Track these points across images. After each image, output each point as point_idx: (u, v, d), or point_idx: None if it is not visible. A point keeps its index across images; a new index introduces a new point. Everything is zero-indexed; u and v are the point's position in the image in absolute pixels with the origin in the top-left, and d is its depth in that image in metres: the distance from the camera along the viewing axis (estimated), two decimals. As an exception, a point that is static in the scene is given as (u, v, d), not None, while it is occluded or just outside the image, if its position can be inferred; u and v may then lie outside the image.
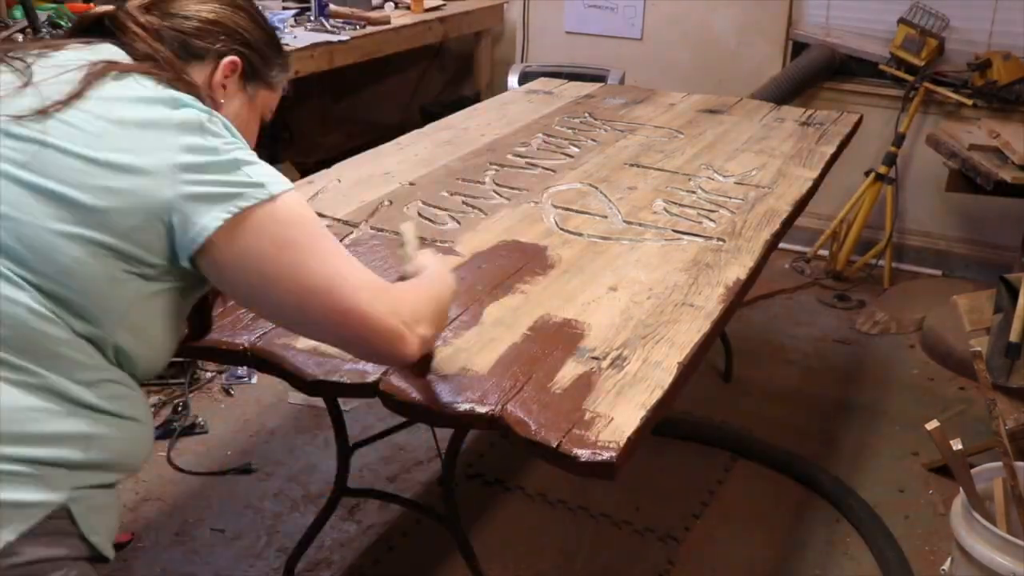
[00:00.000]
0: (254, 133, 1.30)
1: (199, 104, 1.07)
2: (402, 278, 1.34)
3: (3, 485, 0.94)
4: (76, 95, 1.02)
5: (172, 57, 1.14)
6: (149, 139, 1.02)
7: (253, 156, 1.07)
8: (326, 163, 2.36)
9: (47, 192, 0.98)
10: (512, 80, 4.14)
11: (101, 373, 1.04)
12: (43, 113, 1.00)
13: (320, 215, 1.98)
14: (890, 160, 3.80)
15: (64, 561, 0.99)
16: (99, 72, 1.05)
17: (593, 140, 2.61)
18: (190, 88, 1.11)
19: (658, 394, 1.37)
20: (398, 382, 1.37)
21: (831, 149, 2.59)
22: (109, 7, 1.17)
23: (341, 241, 1.85)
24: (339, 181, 2.19)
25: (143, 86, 1.06)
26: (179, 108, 1.05)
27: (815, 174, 2.37)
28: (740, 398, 3.02)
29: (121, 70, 1.07)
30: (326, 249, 1.08)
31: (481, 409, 1.33)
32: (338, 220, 1.96)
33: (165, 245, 1.03)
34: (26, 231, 0.98)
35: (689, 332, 1.55)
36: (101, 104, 1.03)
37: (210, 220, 1.01)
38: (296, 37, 3.45)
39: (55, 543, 0.98)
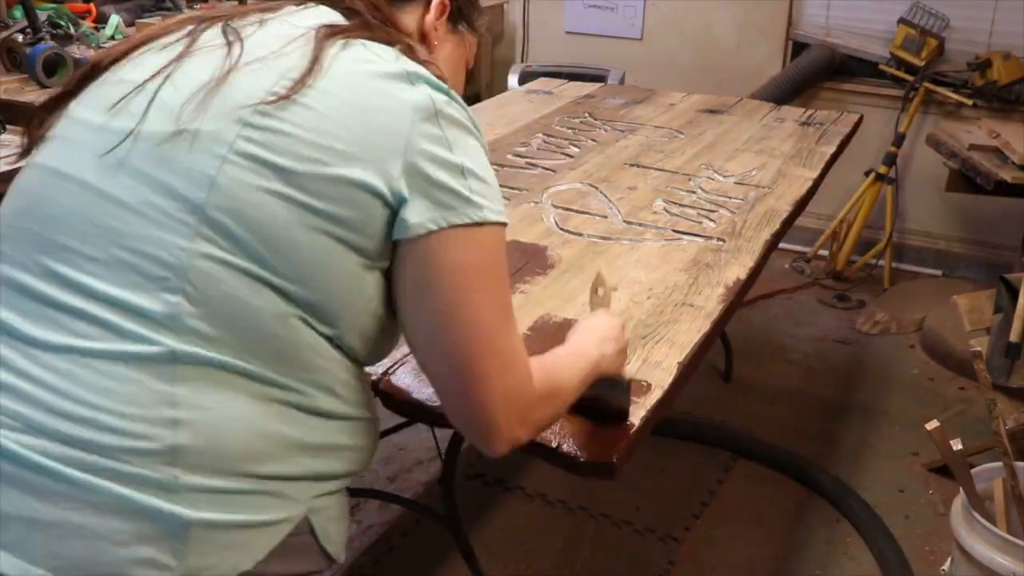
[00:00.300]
0: (462, 81, 1.24)
1: (433, 79, 0.99)
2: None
3: (243, 507, 0.89)
4: (310, 72, 0.94)
5: (383, 2, 1.09)
6: (383, 122, 0.94)
7: (480, 162, 0.99)
8: (326, 163, 2.36)
9: (286, 188, 0.91)
10: (512, 80, 4.14)
11: (339, 375, 0.98)
12: (285, 98, 0.92)
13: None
14: (890, 160, 3.80)
15: None
16: (325, 41, 0.97)
17: (593, 140, 2.61)
18: (411, 51, 1.04)
19: (658, 394, 1.37)
20: (398, 382, 1.37)
21: (831, 149, 2.59)
22: None
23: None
24: (339, 181, 2.19)
25: (375, 57, 0.98)
26: (415, 84, 0.97)
27: (815, 174, 2.37)
28: (740, 398, 3.02)
29: (345, 36, 0.99)
30: (499, 300, 0.99)
31: (481, 409, 1.32)
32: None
33: (385, 228, 0.95)
34: (267, 231, 0.90)
35: (689, 332, 1.55)
36: (336, 82, 0.95)
37: (423, 221, 0.94)
38: (296, 37, 3.44)
39: (296, 559, 0.95)
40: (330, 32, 0.98)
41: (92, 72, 1.03)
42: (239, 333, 0.90)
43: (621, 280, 1.73)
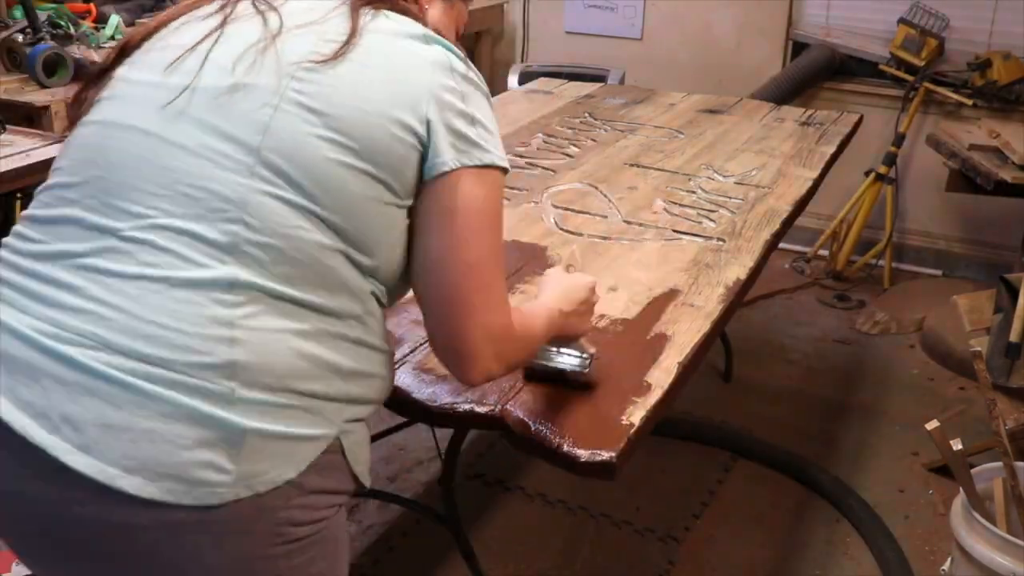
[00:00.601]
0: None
1: (444, 40, 1.12)
2: None
3: (288, 420, 0.98)
4: (351, 37, 1.06)
5: None
6: (410, 74, 1.07)
7: (487, 114, 1.12)
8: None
9: (330, 132, 1.02)
10: (512, 80, 4.14)
11: (369, 307, 1.07)
12: (333, 58, 1.04)
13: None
14: (890, 160, 3.80)
15: (336, 495, 1.05)
16: (358, 11, 1.09)
17: (593, 140, 2.61)
18: (421, 19, 1.15)
19: (658, 394, 1.37)
20: (398, 382, 1.37)
21: (831, 149, 2.59)
22: None
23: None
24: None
25: (397, 24, 1.10)
26: (430, 44, 1.09)
27: (815, 174, 2.37)
28: (740, 398, 3.02)
29: (372, 6, 1.11)
30: (496, 241, 1.11)
31: (481, 409, 1.33)
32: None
33: (415, 168, 1.07)
34: (315, 169, 1.01)
35: (689, 332, 1.55)
36: (371, 44, 1.07)
37: (446, 160, 1.06)
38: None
39: (330, 476, 1.03)
40: (361, 3, 1.11)
41: (126, 48, 1.13)
42: (289, 261, 1.00)
43: (621, 280, 1.73)
